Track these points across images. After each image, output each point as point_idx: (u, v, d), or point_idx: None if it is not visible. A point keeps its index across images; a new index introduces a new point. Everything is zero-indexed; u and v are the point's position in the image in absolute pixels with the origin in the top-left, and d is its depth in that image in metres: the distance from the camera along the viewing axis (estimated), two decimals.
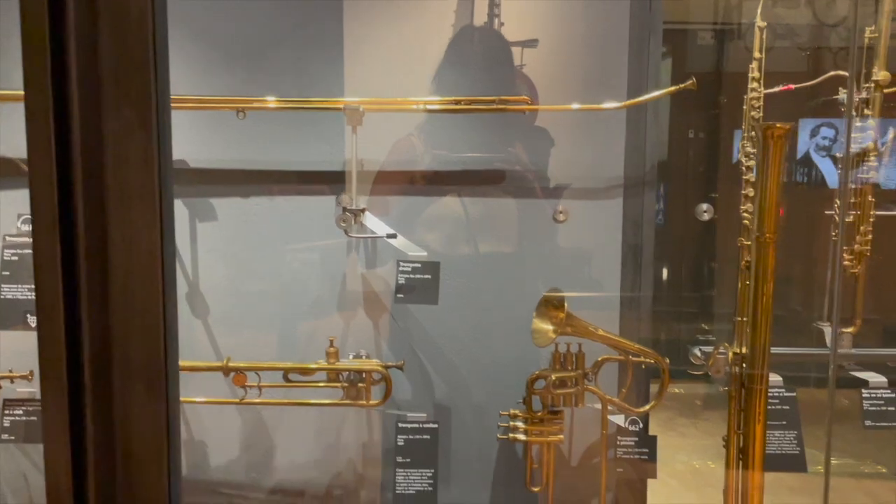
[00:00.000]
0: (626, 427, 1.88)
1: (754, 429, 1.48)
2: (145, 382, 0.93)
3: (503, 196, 1.96)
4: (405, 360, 1.95)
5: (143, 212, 0.91)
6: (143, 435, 0.94)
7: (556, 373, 1.81)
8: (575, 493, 1.98)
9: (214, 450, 2.03)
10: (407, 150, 1.95)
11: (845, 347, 1.88)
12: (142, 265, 0.92)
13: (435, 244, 1.93)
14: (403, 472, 1.78)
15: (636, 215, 1.98)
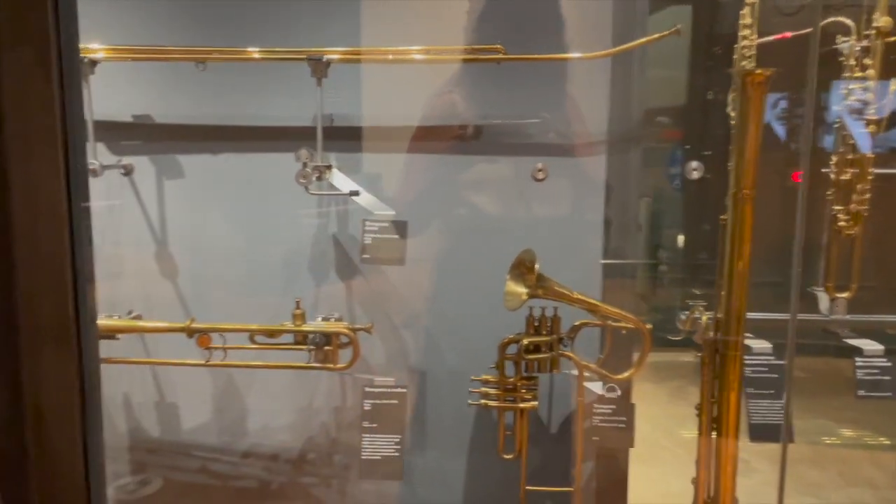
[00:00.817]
0: (604, 394, 1.80)
1: (728, 397, 1.40)
2: (54, 338, 0.88)
3: (479, 153, 1.87)
4: (377, 322, 1.89)
5: (45, 159, 0.85)
6: (54, 392, 0.89)
7: (528, 337, 1.74)
8: (551, 462, 1.91)
9: (186, 412, 2.00)
10: (382, 104, 1.86)
11: (839, 313, 1.78)
12: (46, 216, 0.86)
13: (407, 203, 1.85)
14: (370, 438, 1.73)
15: (622, 174, 1.88)
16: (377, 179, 1.86)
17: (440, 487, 1.98)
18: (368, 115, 1.86)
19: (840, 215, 1.71)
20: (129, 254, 1.93)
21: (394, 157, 1.88)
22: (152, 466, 2.02)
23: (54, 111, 0.83)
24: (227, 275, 1.94)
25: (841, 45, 1.65)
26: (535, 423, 1.95)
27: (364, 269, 1.91)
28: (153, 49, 1.72)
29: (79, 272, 0.87)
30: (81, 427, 0.90)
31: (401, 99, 1.84)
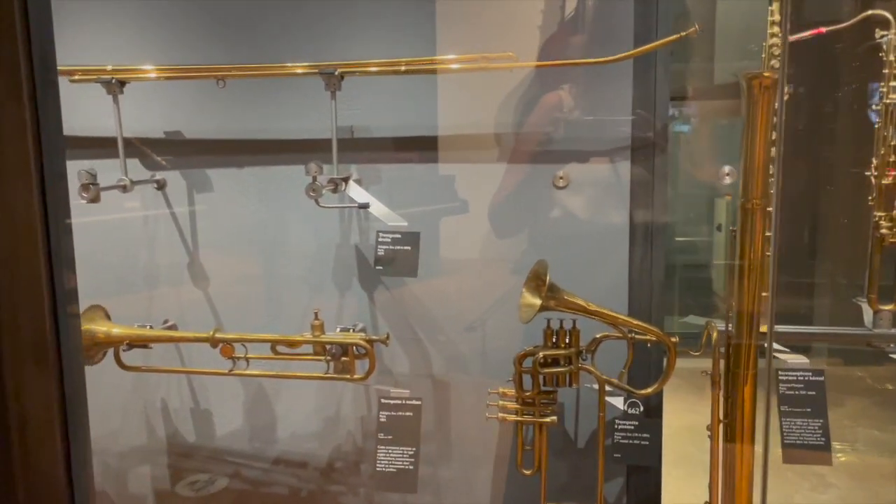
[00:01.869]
0: (626, 410, 1.74)
1: (741, 417, 1.32)
2: (34, 356, 0.92)
3: (498, 161, 1.84)
4: (398, 333, 1.90)
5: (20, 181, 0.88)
6: (35, 406, 0.93)
7: (545, 350, 1.70)
8: (579, 478, 1.86)
9: (220, 419, 2.06)
10: (399, 115, 1.86)
11: (884, 327, 1.65)
12: (24, 238, 0.90)
13: (425, 213, 1.84)
14: (385, 450, 1.72)
15: (645, 180, 1.80)
16: (396, 189, 1.86)
17: (463, 500, 1.96)
18: (387, 126, 1.86)
19: (882, 221, 1.58)
20: (163, 264, 2.00)
21: (414, 168, 1.88)
22: (189, 471, 2.09)
23: (26, 140, 0.86)
24: (254, 284, 1.98)
25: (880, 39, 1.53)
26: (561, 438, 1.91)
27: (386, 281, 1.91)
28: (176, 67, 1.78)
29: (58, 291, 0.90)
30: (64, 441, 0.93)
31: (419, 109, 1.83)
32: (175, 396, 2.06)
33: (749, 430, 1.32)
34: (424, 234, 1.75)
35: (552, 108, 1.82)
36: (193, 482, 2.24)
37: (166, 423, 2.08)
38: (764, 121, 1.22)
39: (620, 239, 1.83)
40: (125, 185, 1.80)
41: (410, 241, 1.69)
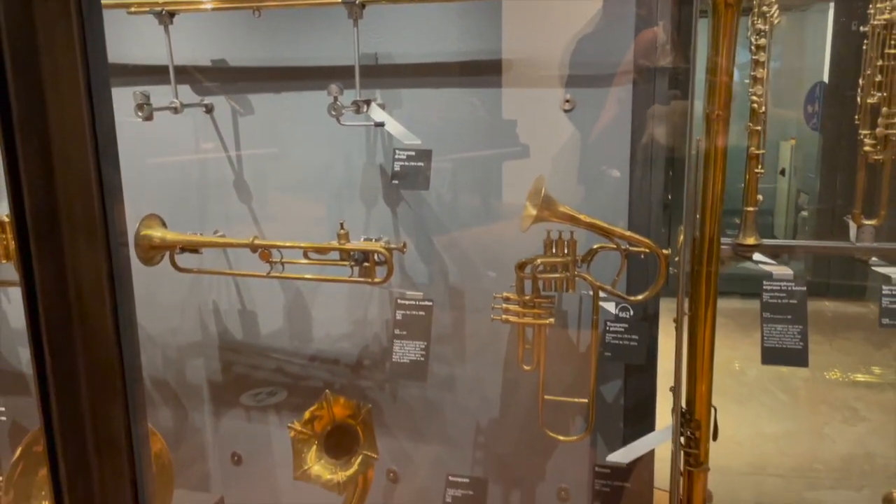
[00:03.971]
0: (617, 314, 1.89)
1: (703, 310, 1.45)
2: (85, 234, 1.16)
3: (506, 86, 1.98)
4: (419, 245, 2.10)
5: (69, 93, 1.11)
6: (87, 274, 1.17)
7: (543, 258, 1.86)
8: (580, 378, 2.03)
9: (263, 320, 2.33)
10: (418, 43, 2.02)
11: (866, 240, 1.74)
12: (75, 138, 1.13)
13: (437, 134, 2.01)
14: (400, 343, 1.94)
15: (646, 103, 1.91)
16: (412, 112, 2.03)
17: (472, 393, 2.17)
18: (406, 54, 2.02)
19: (866, 139, 1.66)
20: (212, 181, 2.25)
21: (427, 93, 2.04)
22: (238, 365, 2.38)
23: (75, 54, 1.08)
24: (291, 199, 2.21)
25: None
26: (564, 342, 2.08)
27: (407, 197, 2.10)
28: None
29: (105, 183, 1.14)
30: (112, 301, 1.17)
31: (434, 37, 1.99)
32: (224, 299, 2.34)
33: (710, 322, 1.46)
34: (443, 153, 1.92)
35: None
36: (256, 394, 2.53)
37: (217, 323, 2.36)
38: (726, 35, 1.33)
39: (623, 159, 1.96)
40: (176, 108, 2.03)
41: (423, 158, 1.87)
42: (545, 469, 2.19)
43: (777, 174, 6.91)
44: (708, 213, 1.40)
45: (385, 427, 2.27)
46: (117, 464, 1.06)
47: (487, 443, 2.21)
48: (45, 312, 1.12)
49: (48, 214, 1.14)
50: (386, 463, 2.28)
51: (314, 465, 1.55)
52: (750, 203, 1.75)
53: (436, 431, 2.24)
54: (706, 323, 1.46)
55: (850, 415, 3.87)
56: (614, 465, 1.76)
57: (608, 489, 1.71)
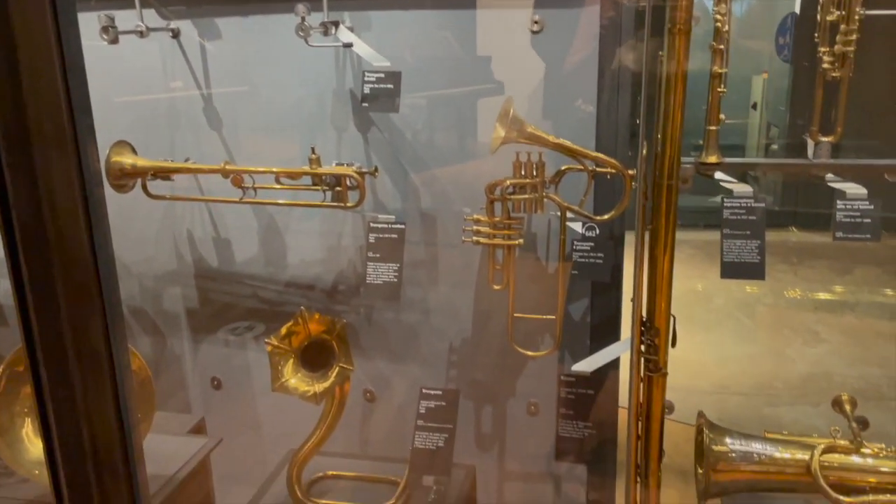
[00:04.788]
0: (584, 233, 1.95)
1: (663, 225, 1.51)
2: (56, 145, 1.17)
3: (477, 7, 1.98)
4: (389, 169, 2.12)
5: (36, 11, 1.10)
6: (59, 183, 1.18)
7: (512, 179, 1.90)
8: (549, 296, 2.10)
9: (238, 247, 2.35)
10: None
11: (823, 157, 1.80)
12: (41, 57, 1.13)
13: (404, 55, 2.01)
14: (374, 265, 1.99)
15: (614, 25, 1.93)
16: (382, 35, 2.03)
17: (445, 313, 2.24)
18: None
19: (825, 57, 1.70)
20: (182, 108, 2.24)
21: (397, 15, 2.03)
22: (214, 292, 2.41)
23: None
24: (262, 125, 2.21)
25: None
26: (534, 262, 2.14)
27: (378, 122, 2.12)
28: None
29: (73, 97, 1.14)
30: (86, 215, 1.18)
31: None
32: (199, 228, 2.35)
33: (670, 235, 1.52)
34: (414, 79, 1.93)
35: None
36: (234, 328, 2.57)
37: (192, 251, 2.38)
38: None
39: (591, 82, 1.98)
40: (142, 31, 2.01)
41: (392, 80, 1.87)
42: (516, 385, 2.28)
43: (749, 109, 6.96)
44: (669, 124, 1.44)
45: (361, 349, 2.34)
46: (98, 375, 1.09)
47: (460, 361, 2.29)
48: (20, 227, 1.14)
49: (18, 132, 1.14)
50: (363, 383, 2.36)
51: (291, 378, 1.61)
52: (712, 122, 1.79)
53: (410, 352, 2.31)
54: (666, 235, 1.51)
55: (810, 337, 4.03)
56: (579, 374, 1.84)
57: (573, 396, 1.80)
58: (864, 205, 1.78)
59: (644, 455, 1.63)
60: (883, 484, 1.53)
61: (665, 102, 1.43)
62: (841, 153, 1.82)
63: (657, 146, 1.50)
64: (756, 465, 1.58)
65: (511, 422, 2.30)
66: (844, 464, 1.56)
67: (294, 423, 2.18)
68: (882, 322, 4.24)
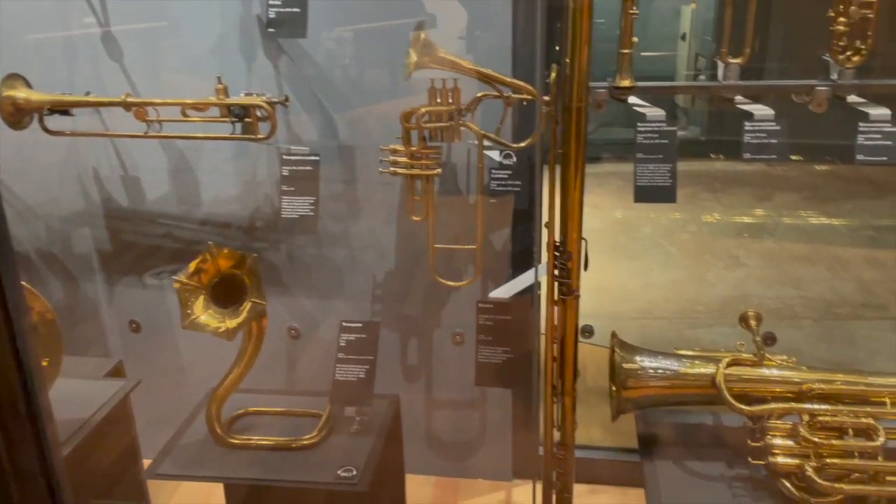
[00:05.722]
0: (501, 161, 1.94)
1: (573, 149, 1.51)
2: None
3: None
4: (301, 98, 2.06)
5: None
6: None
7: (426, 107, 1.86)
8: (463, 226, 2.09)
9: (148, 185, 2.26)
10: None
11: (732, 78, 1.82)
12: None
13: None
14: (289, 199, 1.94)
15: None
16: None
17: (367, 247, 2.22)
18: None
19: None
20: (80, 39, 2.10)
21: None
22: (127, 232, 2.32)
23: None
24: (165, 55, 2.10)
25: None
26: (454, 192, 2.13)
27: (289, 50, 2.04)
28: None
29: None
30: None
31: None
32: (105, 165, 2.25)
33: (580, 159, 1.52)
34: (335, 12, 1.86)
35: None
36: (158, 273, 2.49)
37: (100, 190, 2.28)
38: None
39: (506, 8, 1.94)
40: None
41: (299, 3, 1.79)
42: (441, 316, 2.29)
43: (679, 40, 6.99)
44: (576, 46, 1.42)
45: (283, 286, 2.30)
46: None
47: (384, 295, 2.28)
48: None
49: None
50: (286, 321, 2.33)
51: (202, 315, 1.57)
52: (625, 45, 1.78)
53: (334, 287, 2.29)
54: (576, 159, 1.51)
55: (731, 262, 4.16)
56: (497, 301, 1.86)
57: (491, 323, 1.82)
58: (770, 126, 1.81)
59: (560, 376, 1.67)
60: (783, 393, 1.61)
61: (572, 24, 1.40)
62: (766, 76, 1.84)
63: (565, 70, 1.48)
64: (664, 380, 1.64)
65: (437, 352, 2.33)
66: (748, 376, 1.62)
67: (218, 362, 2.14)
68: (798, 245, 4.41)
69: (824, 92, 1.77)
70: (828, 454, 1.49)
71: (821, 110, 1.79)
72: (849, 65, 1.75)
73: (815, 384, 1.59)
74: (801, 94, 1.84)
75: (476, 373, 1.84)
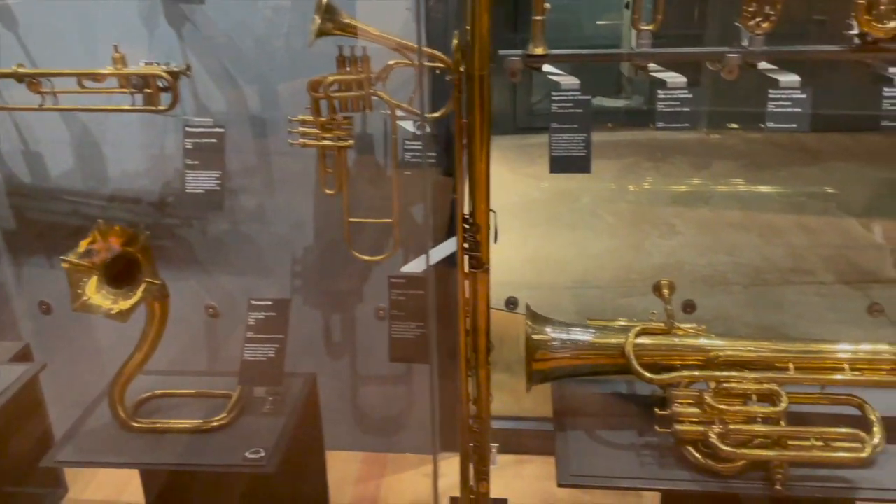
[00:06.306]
0: (414, 132, 1.89)
1: (477, 118, 1.47)
2: None
3: None
4: (208, 67, 1.97)
5: None
6: None
7: (335, 75, 1.80)
8: (379, 199, 2.05)
9: (51, 160, 2.15)
10: None
11: (645, 46, 1.79)
12: None
13: None
14: (193, 174, 1.87)
15: None
16: None
17: (285, 222, 2.16)
18: None
19: None
20: None
21: None
22: (32, 210, 2.22)
23: None
24: (62, 24, 1.99)
25: None
26: (370, 164, 2.08)
27: (194, 17, 1.94)
28: None
29: None
30: None
31: None
32: (4, 140, 2.13)
33: (485, 128, 1.48)
34: None
35: None
36: (62, 248, 2.37)
37: (0, 166, 2.16)
38: None
39: None
40: None
41: None
42: (363, 291, 2.25)
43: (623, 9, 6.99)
44: (477, 10, 1.38)
45: (199, 264, 2.23)
46: None
47: (305, 270, 2.23)
48: None
49: None
50: (203, 299, 2.27)
51: (94, 296, 1.50)
52: (537, 12, 1.74)
53: (252, 264, 2.22)
54: (480, 128, 1.47)
55: (667, 230, 4.20)
56: (410, 276, 1.82)
57: (404, 297, 1.78)
58: (682, 94, 1.80)
59: (473, 349, 1.65)
60: (692, 361, 1.61)
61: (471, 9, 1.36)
62: (685, 44, 1.82)
63: (467, 36, 1.44)
64: (575, 351, 1.63)
65: (361, 327, 2.29)
66: (658, 345, 1.63)
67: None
68: (732, 212, 4.47)
69: (735, 59, 1.76)
70: (731, 420, 1.51)
71: (731, 77, 1.78)
72: (758, 31, 1.74)
73: (722, 351, 1.60)
74: (714, 61, 1.83)
75: (390, 348, 1.81)
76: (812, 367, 1.57)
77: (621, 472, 1.54)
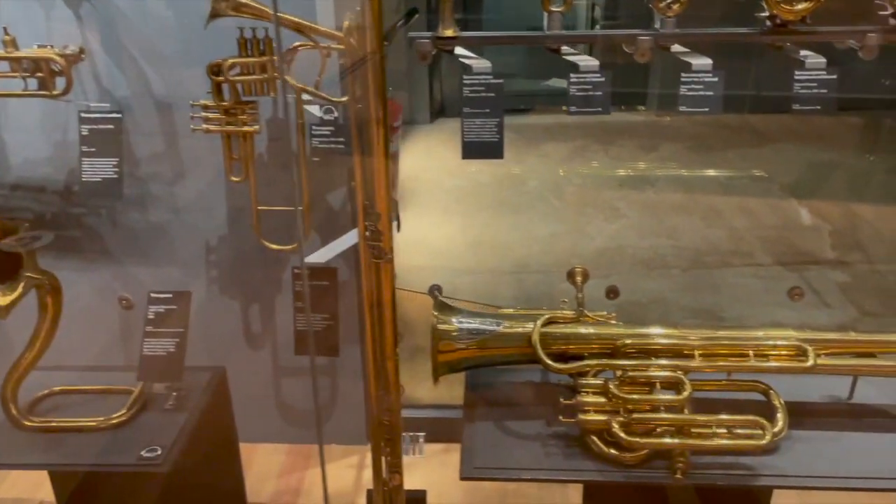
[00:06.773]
0: (322, 117, 1.83)
1: (372, 101, 1.42)
2: None
3: None
4: (108, 50, 1.89)
5: None
6: None
7: (235, 58, 1.74)
8: (287, 187, 1.99)
9: None
10: None
11: (555, 28, 1.75)
12: None
13: None
14: (89, 161, 1.79)
15: None
16: None
17: (197, 210, 2.09)
18: None
19: None
20: None
21: None
22: None
23: None
24: None
25: None
26: (278, 150, 2.01)
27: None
28: None
29: None
30: None
31: None
32: None
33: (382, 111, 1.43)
34: None
35: None
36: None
37: None
38: None
39: None
40: None
41: None
42: (281, 280, 2.19)
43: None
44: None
45: (109, 255, 2.15)
46: None
47: (220, 261, 2.16)
48: None
49: None
50: (116, 291, 2.19)
51: None
52: None
53: (165, 253, 2.15)
54: (377, 112, 1.42)
55: (611, 214, 4.20)
56: (315, 267, 1.77)
57: (309, 289, 1.74)
58: (595, 77, 1.77)
59: (380, 340, 1.61)
60: (601, 349, 1.59)
61: None
62: None
63: (359, 17, 1.38)
64: (482, 340, 1.60)
65: (281, 317, 2.24)
66: (566, 334, 1.60)
67: None
68: (677, 195, 4.49)
69: (647, 41, 1.73)
70: (635, 409, 1.49)
71: (644, 60, 1.76)
72: (670, 13, 1.71)
73: (629, 339, 1.58)
74: (629, 44, 1.80)
75: (295, 342, 1.76)
76: (717, 354, 1.56)
77: (526, 463, 1.51)
